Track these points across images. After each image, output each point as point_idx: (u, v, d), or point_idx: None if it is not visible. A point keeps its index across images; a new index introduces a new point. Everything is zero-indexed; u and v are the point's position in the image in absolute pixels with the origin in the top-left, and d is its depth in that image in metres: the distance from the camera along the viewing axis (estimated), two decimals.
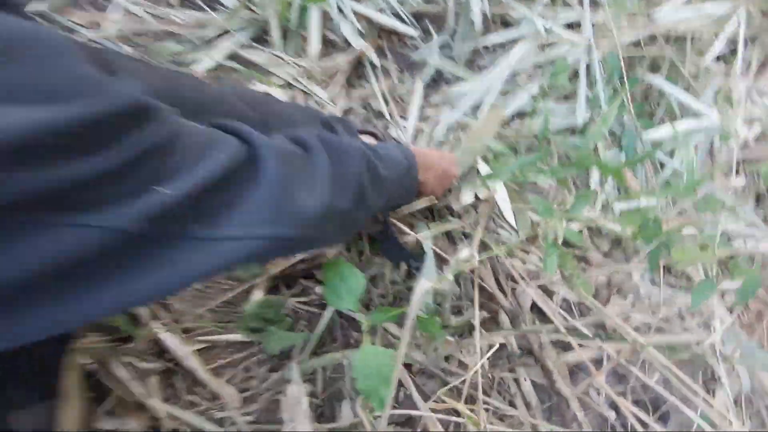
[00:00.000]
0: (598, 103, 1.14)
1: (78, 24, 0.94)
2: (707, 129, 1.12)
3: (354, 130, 0.68)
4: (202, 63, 0.96)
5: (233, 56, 0.99)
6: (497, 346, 0.72)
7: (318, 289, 0.70)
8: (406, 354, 0.61)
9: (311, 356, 0.64)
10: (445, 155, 0.77)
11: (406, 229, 0.63)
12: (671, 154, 1.23)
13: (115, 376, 0.55)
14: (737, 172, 1.32)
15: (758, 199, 1.41)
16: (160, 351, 0.60)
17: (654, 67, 1.23)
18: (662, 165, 1.22)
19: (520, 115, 1.08)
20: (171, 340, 0.58)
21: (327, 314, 0.66)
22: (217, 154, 0.33)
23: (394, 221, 0.65)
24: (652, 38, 1.19)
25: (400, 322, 0.64)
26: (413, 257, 0.66)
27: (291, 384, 0.60)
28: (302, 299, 0.69)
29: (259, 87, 0.95)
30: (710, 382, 0.91)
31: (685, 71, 1.22)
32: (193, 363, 0.58)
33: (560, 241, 0.93)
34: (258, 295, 0.68)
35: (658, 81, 1.11)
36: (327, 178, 0.42)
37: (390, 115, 0.98)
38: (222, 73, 0.97)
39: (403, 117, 0.99)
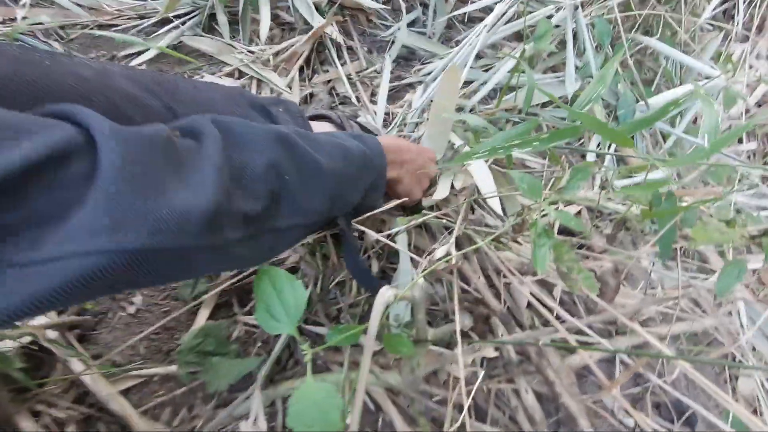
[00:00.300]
0: (588, 72, 1.03)
1: None
2: (713, 91, 1.02)
3: (297, 115, 0.56)
4: (143, 55, 0.85)
5: (177, 47, 0.89)
6: (490, 354, 0.62)
7: None
8: (376, 379, 0.51)
9: (268, 384, 0.53)
10: (423, 149, 0.65)
11: (370, 232, 0.52)
12: (671, 123, 1.13)
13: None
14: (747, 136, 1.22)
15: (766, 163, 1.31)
16: (80, 394, 0.49)
17: (646, 31, 1.12)
18: (662, 135, 1.12)
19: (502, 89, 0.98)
20: (91, 381, 0.47)
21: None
22: (28, 144, 0.23)
23: (359, 228, 0.53)
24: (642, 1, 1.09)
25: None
26: (373, 279, 0.53)
27: (244, 421, 0.50)
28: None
29: (207, 77, 0.84)
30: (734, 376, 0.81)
31: (681, 33, 1.11)
32: (120, 406, 0.47)
33: (555, 228, 0.82)
34: (204, 316, 0.58)
35: (656, 43, 1.00)
36: (218, 171, 0.32)
37: (358, 99, 0.88)
38: (165, 65, 0.86)
39: (374, 101, 0.89)
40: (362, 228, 0.52)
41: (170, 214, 0.27)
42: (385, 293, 0.40)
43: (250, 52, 0.87)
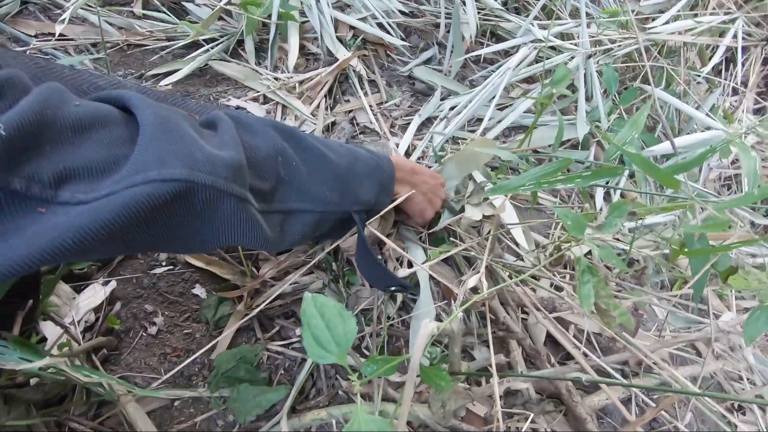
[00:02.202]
0: (596, 117, 1.08)
1: (28, 34, 0.84)
2: (713, 142, 1.07)
3: None
4: (171, 76, 0.87)
5: (204, 70, 0.91)
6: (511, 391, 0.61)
7: (298, 330, 0.59)
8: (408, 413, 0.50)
9: (290, 414, 0.52)
10: (434, 174, 0.68)
11: (399, 252, 0.52)
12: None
13: None
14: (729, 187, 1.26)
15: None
16: (102, 416, 0.47)
17: (646, 81, 1.18)
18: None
19: (515, 129, 1.01)
20: (121, 402, 0.46)
21: (309, 361, 0.55)
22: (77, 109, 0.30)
23: (381, 237, 0.54)
24: (646, 50, 1.16)
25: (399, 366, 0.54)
26: (392, 277, 0.55)
27: None
28: (279, 343, 0.58)
29: (233, 101, 0.85)
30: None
31: (681, 84, 1.17)
32: (146, 428, 0.46)
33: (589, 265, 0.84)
34: (227, 339, 0.57)
35: (661, 93, 1.06)
36: (235, 140, 0.38)
37: (375, 131, 0.90)
38: (191, 87, 0.88)
39: (393, 133, 0.91)
40: (394, 248, 0.53)
41: (203, 157, 0.33)
42: (428, 326, 0.40)
43: (275, 79, 0.89)
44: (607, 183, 1.04)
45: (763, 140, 1.36)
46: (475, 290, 0.58)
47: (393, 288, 0.56)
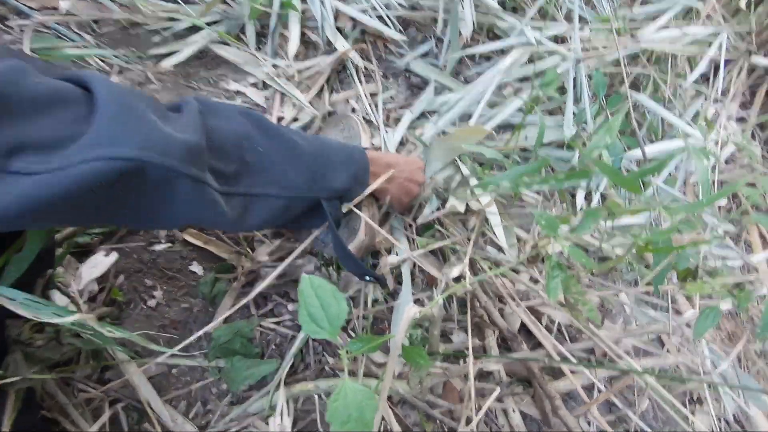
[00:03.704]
0: (583, 119, 1.12)
1: (31, 7, 0.84)
2: (691, 149, 1.12)
3: None
4: (171, 57, 0.88)
5: (204, 52, 0.92)
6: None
7: (291, 307, 0.63)
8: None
9: (280, 386, 0.56)
10: (410, 160, 0.70)
11: (389, 242, 0.56)
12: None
13: (59, 403, 0.45)
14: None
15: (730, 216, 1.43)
16: (102, 378, 0.51)
17: (635, 86, 1.23)
18: (645, 184, 1.22)
19: (505, 127, 1.05)
20: (122, 367, 0.49)
21: (300, 338, 0.59)
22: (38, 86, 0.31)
23: (372, 224, 0.57)
24: (635, 57, 1.20)
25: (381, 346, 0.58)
26: (364, 269, 0.57)
27: (254, 418, 0.53)
28: (273, 320, 0.62)
29: (232, 85, 0.88)
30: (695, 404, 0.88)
31: (667, 91, 1.22)
32: (146, 392, 0.49)
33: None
34: (222, 314, 0.61)
35: (644, 99, 1.10)
36: (195, 123, 0.39)
37: (369, 121, 0.93)
38: (191, 68, 0.90)
39: (387, 125, 0.94)
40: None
41: (158, 137, 0.34)
42: (411, 310, 0.45)
43: (274, 66, 0.91)
44: (589, 184, 1.09)
45: (741, 149, 1.42)
46: (457, 279, 0.63)
47: (367, 278, 0.59)
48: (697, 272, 0.58)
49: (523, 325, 0.76)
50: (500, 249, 0.81)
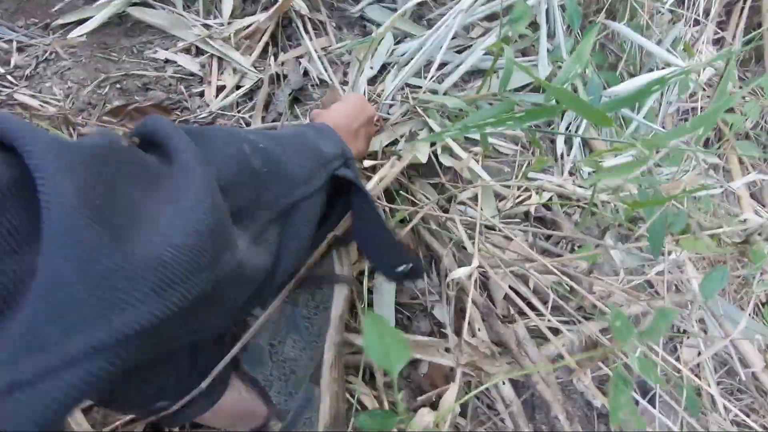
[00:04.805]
0: (558, 56, 1.03)
1: None
2: (672, 78, 1.05)
3: None
4: (83, 25, 0.75)
5: (122, 17, 0.79)
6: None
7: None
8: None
9: None
10: (354, 101, 0.60)
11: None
12: (632, 108, 1.16)
13: None
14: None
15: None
16: None
17: (610, 14, 1.14)
18: (626, 121, 1.16)
19: (475, 73, 0.96)
20: None
21: None
22: None
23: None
24: None
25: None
26: (399, 251, 0.47)
27: None
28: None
29: (159, 54, 0.76)
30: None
31: (644, 17, 1.13)
32: None
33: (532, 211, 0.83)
34: None
35: (621, 28, 1.01)
36: (207, 188, 0.28)
37: (330, 79, 0.83)
38: (108, 37, 0.77)
39: (346, 82, 0.84)
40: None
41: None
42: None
43: (206, 26, 0.79)
44: (568, 128, 1.02)
45: (720, 73, 1.36)
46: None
47: (401, 268, 0.47)
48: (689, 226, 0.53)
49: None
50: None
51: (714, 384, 0.66)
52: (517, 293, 0.72)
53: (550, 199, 0.91)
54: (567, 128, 1.06)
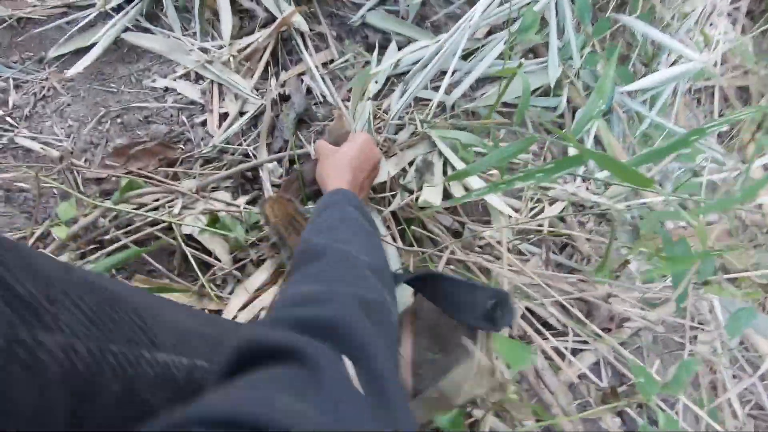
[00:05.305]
0: (568, 54, 1.00)
1: None
2: (689, 73, 1.01)
3: None
4: (77, 59, 0.73)
5: (119, 43, 0.77)
6: None
7: None
8: None
9: None
10: (360, 144, 0.58)
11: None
12: (648, 103, 1.13)
13: None
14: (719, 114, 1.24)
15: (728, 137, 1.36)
16: None
17: (621, 4, 1.09)
18: (639, 116, 1.12)
19: (483, 80, 0.93)
20: None
21: None
22: None
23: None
24: None
25: None
26: (483, 290, 0.47)
27: None
28: None
29: (158, 83, 0.74)
30: None
31: (657, 8, 1.09)
32: None
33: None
34: None
35: (634, 22, 0.97)
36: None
37: (324, 97, 0.80)
38: (105, 68, 0.75)
39: (346, 100, 0.82)
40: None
41: None
42: None
43: (203, 50, 0.77)
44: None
45: (738, 54, 1.31)
46: None
47: (491, 303, 0.45)
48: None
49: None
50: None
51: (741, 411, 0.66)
52: (533, 313, 0.72)
53: (563, 210, 0.89)
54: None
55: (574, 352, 0.70)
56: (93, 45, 0.73)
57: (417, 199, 0.62)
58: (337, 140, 0.60)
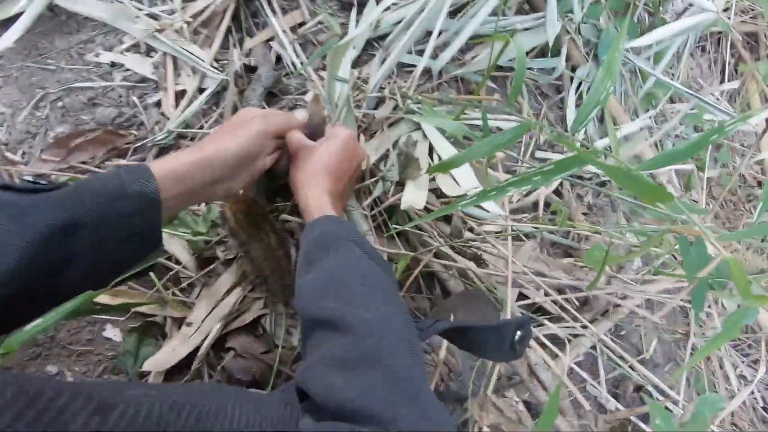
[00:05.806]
0: (568, 6, 0.90)
1: None
2: (701, 25, 0.92)
3: None
4: (12, 29, 0.63)
5: (55, 10, 0.66)
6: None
7: None
8: None
9: None
10: (343, 142, 0.50)
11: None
12: (653, 58, 1.03)
13: None
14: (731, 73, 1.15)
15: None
16: None
17: None
18: (642, 73, 1.03)
19: (474, 38, 0.83)
20: None
21: None
22: None
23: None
24: None
25: None
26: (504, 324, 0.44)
27: None
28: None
29: (102, 57, 0.64)
30: None
31: None
32: None
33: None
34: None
35: None
36: None
37: (295, 65, 0.71)
38: (40, 40, 0.65)
39: (321, 69, 0.73)
40: None
41: None
42: None
43: (153, 16, 0.67)
44: (579, 87, 0.92)
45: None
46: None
47: (516, 337, 0.43)
48: None
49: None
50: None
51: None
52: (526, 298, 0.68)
53: (561, 185, 0.83)
54: (578, 87, 0.95)
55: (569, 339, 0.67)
56: (21, 14, 0.63)
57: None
58: (314, 130, 0.52)
